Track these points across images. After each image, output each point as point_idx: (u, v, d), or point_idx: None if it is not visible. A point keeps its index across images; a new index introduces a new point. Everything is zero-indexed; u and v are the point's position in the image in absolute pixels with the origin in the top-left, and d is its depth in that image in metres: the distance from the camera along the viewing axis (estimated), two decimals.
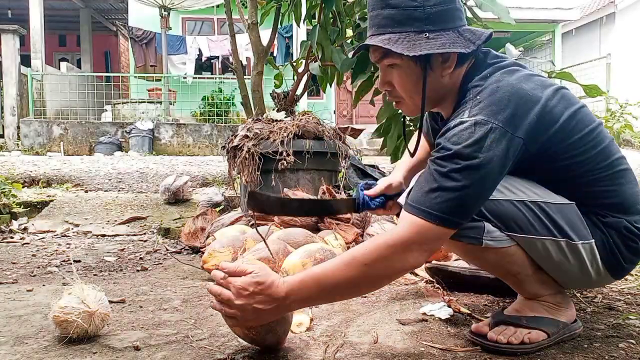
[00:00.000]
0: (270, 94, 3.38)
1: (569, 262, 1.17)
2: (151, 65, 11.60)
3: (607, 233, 1.18)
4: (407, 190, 1.32)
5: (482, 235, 1.15)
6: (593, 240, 1.17)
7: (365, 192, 1.47)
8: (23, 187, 4.65)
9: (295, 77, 3.35)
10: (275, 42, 7.20)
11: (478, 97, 1.11)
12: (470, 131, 1.05)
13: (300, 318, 1.35)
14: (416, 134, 1.44)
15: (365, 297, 1.63)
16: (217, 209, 3.17)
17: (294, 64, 3.42)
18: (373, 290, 1.36)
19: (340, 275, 1.06)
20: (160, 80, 10.74)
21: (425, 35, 1.13)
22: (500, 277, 1.31)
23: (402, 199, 1.33)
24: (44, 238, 3.17)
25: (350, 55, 1.34)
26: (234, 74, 4.01)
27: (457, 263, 1.73)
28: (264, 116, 3.04)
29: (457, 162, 1.04)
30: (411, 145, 1.50)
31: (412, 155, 1.47)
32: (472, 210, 1.09)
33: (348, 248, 2.16)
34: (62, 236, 3.27)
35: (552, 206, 1.16)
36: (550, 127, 1.12)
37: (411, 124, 2.62)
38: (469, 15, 2.61)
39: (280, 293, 1.05)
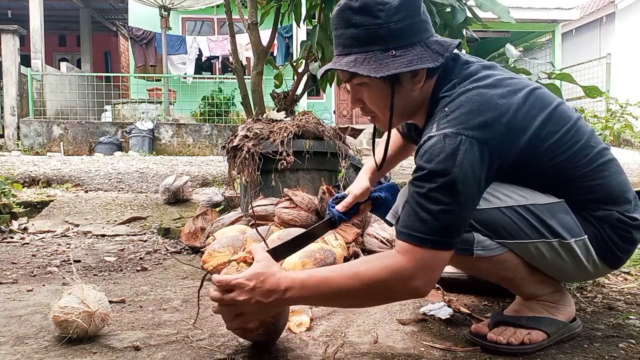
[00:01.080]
0: (270, 94, 3.38)
1: (564, 260, 1.17)
2: (151, 65, 11.60)
3: (599, 227, 1.17)
4: (395, 207, 1.31)
5: (472, 246, 1.15)
6: (586, 236, 1.16)
7: (337, 207, 1.48)
8: (23, 187, 4.65)
9: (295, 77, 3.35)
10: (275, 42, 7.21)
11: (446, 109, 1.09)
12: (441, 146, 1.03)
13: (300, 318, 1.35)
14: (382, 144, 1.44)
15: None
16: (217, 209, 3.16)
17: (294, 64, 3.42)
18: (370, 306, 1.37)
19: (341, 286, 1.05)
20: (160, 80, 10.74)
21: (392, 53, 1.11)
22: (496, 282, 1.31)
23: (390, 217, 1.33)
24: (44, 238, 3.17)
25: (319, 76, 1.33)
26: (234, 74, 4.01)
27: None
28: (264, 116, 3.04)
29: (434, 180, 1.02)
30: (378, 155, 1.50)
31: (378, 168, 1.48)
32: (462, 226, 1.07)
33: (348, 248, 2.16)
34: (62, 236, 3.27)
35: (541, 207, 1.15)
36: (524, 134, 1.10)
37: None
38: (469, 15, 2.61)
39: (281, 286, 1.05)
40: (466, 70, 1.16)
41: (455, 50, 1.18)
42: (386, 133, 1.27)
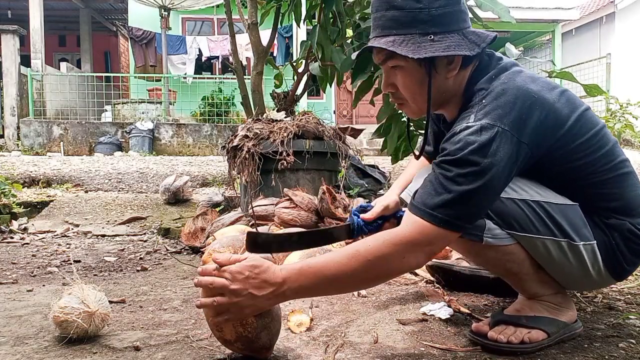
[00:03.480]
0: (270, 94, 3.38)
1: (570, 262, 1.17)
2: (151, 66, 11.60)
3: (609, 234, 1.17)
4: (410, 187, 1.32)
5: (482, 232, 1.15)
6: (595, 241, 1.17)
7: (362, 215, 1.44)
8: (23, 187, 4.65)
9: (295, 77, 3.35)
10: (275, 42, 7.21)
11: (484, 101, 1.10)
12: (477, 136, 1.05)
13: (300, 318, 1.35)
14: (420, 139, 1.45)
15: (365, 297, 1.63)
16: (217, 209, 3.16)
17: (294, 64, 3.42)
18: (369, 287, 1.34)
19: (340, 267, 1.05)
20: (160, 80, 10.74)
21: (430, 37, 1.12)
22: (500, 275, 1.31)
23: (405, 195, 1.32)
24: (44, 238, 3.17)
25: (353, 56, 1.33)
26: (234, 74, 4.01)
27: (456, 262, 1.73)
28: (264, 116, 3.04)
29: (463, 167, 1.04)
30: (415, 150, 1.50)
31: (417, 158, 1.46)
32: (478, 214, 1.09)
33: None
34: (62, 236, 3.27)
35: (555, 206, 1.16)
36: (557, 131, 1.12)
37: (411, 125, 2.62)
38: (469, 15, 2.61)
39: (278, 278, 1.03)
40: (501, 65, 1.18)
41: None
42: (413, 161, 1.25)
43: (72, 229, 3.46)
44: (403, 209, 1.47)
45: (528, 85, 1.11)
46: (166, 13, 10.31)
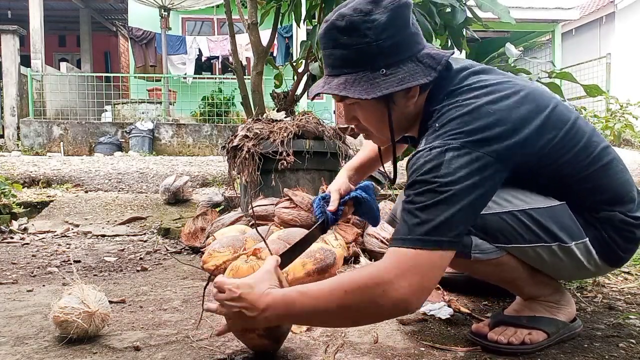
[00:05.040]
0: (270, 94, 3.38)
1: (564, 262, 1.16)
2: (151, 66, 11.60)
3: (600, 228, 1.15)
4: (392, 210, 1.31)
5: (470, 249, 1.14)
6: (587, 238, 1.15)
7: (328, 208, 1.43)
8: (23, 188, 4.65)
9: (295, 77, 3.35)
10: (275, 42, 7.20)
11: (436, 125, 1.07)
12: (427, 157, 1.01)
13: None
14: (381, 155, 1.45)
15: None
16: (217, 209, 3.16)
17: (294, 64, 3.42)
18: (357, 325, 1.23)
19: (320, 300, 0.99)
20: (160, 80, 10.74)
21: (382, 72, 1.07)
22: (496, 283, 1.31)
23: (387, 219, 1.32)
24: (44, 238, 3.17)
25: (310, 98, 1.31)
26: (234, 74, 4.01)
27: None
28: (264, 116, 3.04)
29: (416, 187, 1.00)
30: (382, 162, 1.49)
31: (392, 182, 1.43)
32: (448, 225, 0.98)
33: (348, 248, 2.16)
34: (62, 236, 3.27)
35: (540, 211, 1.13)
36: (518, 141, 1.05)
37: None
38: (469, 15, 2.61)
39: (261, 304, 1.02)
40: (457, 80, 1.13)
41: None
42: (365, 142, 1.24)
43: (72, 229, 3.46)
44: (353, 187, 1.48)
45: (480, 100, 1.06)
46: (166, 13, 10.31)
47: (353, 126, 1.23)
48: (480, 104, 1.05)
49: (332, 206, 1.42)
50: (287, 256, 1.28)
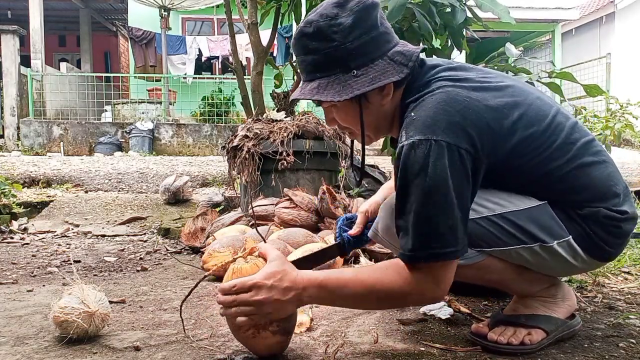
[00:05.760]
0: (270, 94, 3.38)
1: (548, 261, 1.15)
2: (151, 66, 11.59)
3: (584, 225, 1.13)
4: (375, 222, 1.30)
5: None
6: (570, 236, 1.13)
7: (350, 232, 1.41)
8: (23, 188, 4.65)
9: (295, 77, 3.35)
10: (275, 42, 7.21)
11: (412, 114, 1.07)
12: (412, 157, 1.01)
13: (300, 318, 1.34)
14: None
15: None
16: (217, 209, 3.16)
17: (294, 64, 3.42)
18: (385, 309, 1.45)
19: (357, 294, 1.07)
20: (160, 80, 10.73)
21: (353, 73, 1.09)
22: (485, 285, 1.31)
23: (371, 234, 1.32)
24: (44, 238, 3.17)
25: (289, 105, 1.32)
26: (234, 74, 4.01)
27: None
28: (264, 116, 3.04)
29: (408, 191, 1.01)
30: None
31: (357, 185, 1.44)
32: (447, 233, 1.01)
33: None
34: (62, 236, 3.27)
35: (519, 213, 1.12)
36: (495, 135, 1.05)
37: None
38: (469, 15, 2.61)
39: (299, 284, 1.05)
40: (432, 73, 1.14)
41: (422, 55, 1.17)
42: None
43: (72, 229, 3.46)
44: None
45: (457, 90, 1.06)
46: (166, 13, 10.30)
47: (337, 126, 1.24)
48: (456, 93, 1.06)
49: (354, 230, 1.42)
50: (298, 263, 1.27)
